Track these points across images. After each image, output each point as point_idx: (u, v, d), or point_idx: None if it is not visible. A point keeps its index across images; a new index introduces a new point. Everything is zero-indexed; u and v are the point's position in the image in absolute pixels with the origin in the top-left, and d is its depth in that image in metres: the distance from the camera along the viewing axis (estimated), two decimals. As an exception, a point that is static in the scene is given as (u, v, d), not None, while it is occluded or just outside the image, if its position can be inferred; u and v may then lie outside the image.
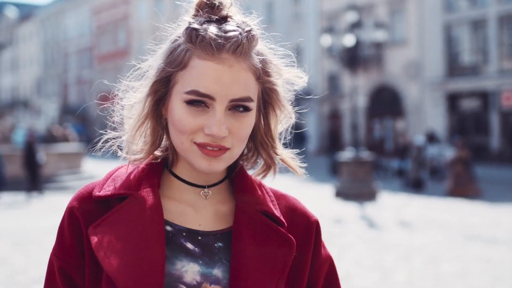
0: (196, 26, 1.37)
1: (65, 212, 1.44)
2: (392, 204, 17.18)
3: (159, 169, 1.49)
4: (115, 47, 67.83)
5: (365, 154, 19.76)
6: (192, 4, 1.44)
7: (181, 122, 1.37)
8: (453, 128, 35.46)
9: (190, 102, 1.35)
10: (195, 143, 1.37)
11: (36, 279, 8.64)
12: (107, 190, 1.43)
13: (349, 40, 20.24)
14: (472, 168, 19.83)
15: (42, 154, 20.67)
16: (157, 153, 1.51)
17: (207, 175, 1.46)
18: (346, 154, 20.10)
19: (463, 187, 18.98)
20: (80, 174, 23.81)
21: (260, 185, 1.54)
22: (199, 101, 1.35)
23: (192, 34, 1.37)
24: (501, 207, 16.41)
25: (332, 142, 41.02)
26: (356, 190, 18.12)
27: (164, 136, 1.50)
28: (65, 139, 28.61)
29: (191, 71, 1.36)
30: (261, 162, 1.55)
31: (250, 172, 1.55)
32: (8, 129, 27.45)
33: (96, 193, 1.42)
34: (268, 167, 1.54)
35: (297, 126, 1.62)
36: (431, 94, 36.03)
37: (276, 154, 1.52)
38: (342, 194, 18.33)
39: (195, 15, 1.42)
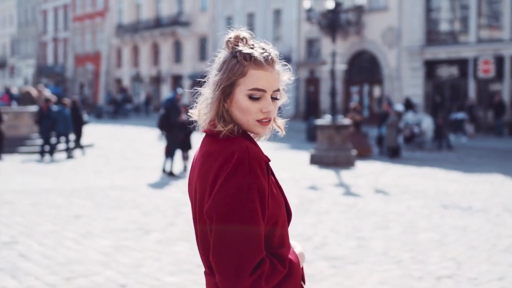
0: (247, 51, 2.29)
1: (263, 164, 2.25)
2: (369, 171, 17.13)
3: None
4: (93, 9, 66.66)
5: (343, 120, 19.63)
6: (230, 38, 2.35)
7: (247, 108, 2.28)
8: (429, 95, 35.50)
9: (251, 96, 2.27)
10: (257, 120, 2.30)
11: (7, 242, 8.45)
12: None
13: (330, 3, 19.96)
14: (362, 130, 21.96)
15: (85, 114, 22.90)
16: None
17: None
18: (323, 120, 19.96)
19: (355, 146, 19.36)
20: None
21: None
22: (257, 95, 2.28)
23: (246, 56, 2.28)
24: (477, 176, 16.42)
25: (309, 107, 40.85)
26: (333, 157, 18.02)
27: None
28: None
29: (250, 77, 2.28)
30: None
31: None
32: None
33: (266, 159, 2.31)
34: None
35: None
36: (409, 62, 35.97)
37: (274, 120, 2.43)
38: (319, 160, 18.23)
39: (236, 45, 2.33)
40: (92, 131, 28.54)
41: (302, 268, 2.41)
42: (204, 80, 2.43)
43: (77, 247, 8.26)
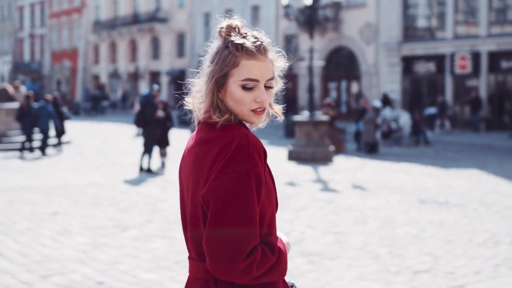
0: (239, 41, 2.30)
1: (261, 152, 2.26)
2: (347, 167, 17.18)
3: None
4: (70, 5, 66.19)
5: (320, 117, 19.67)
6: (222, 28, 2.35)
7: (241, 99, 2.30)
8: (406, 91, 35.66)
9: (244, 87, 2.29)
10: (251, 110, 2.31)
11: (-19, 240, 8.38)
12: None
13: (307, -1, 20.00)
14: (336, 125, 22.30)
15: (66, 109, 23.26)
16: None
17: None
18: (301, 116, 19.98)
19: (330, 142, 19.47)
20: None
21: None
22: (250, 85, 2.29)
23: (238, 47, 2.29)
24: (454, 171, 16.54)
25: (287, 103, 40.90)
26: (311, 153, 18.05)
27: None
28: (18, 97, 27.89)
29: (242, 68, 2.29)
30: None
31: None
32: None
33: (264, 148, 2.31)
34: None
35: None
36: (387, 58, 36.10)
37: (271, 106, 2.48)
38: (296, 156, 18.25)
39: (229, 35, 2.34)
40: (70, 128, 28.32)
41: None
42: (198, 71, 2.44)
43: (54, 245, 8.20)
